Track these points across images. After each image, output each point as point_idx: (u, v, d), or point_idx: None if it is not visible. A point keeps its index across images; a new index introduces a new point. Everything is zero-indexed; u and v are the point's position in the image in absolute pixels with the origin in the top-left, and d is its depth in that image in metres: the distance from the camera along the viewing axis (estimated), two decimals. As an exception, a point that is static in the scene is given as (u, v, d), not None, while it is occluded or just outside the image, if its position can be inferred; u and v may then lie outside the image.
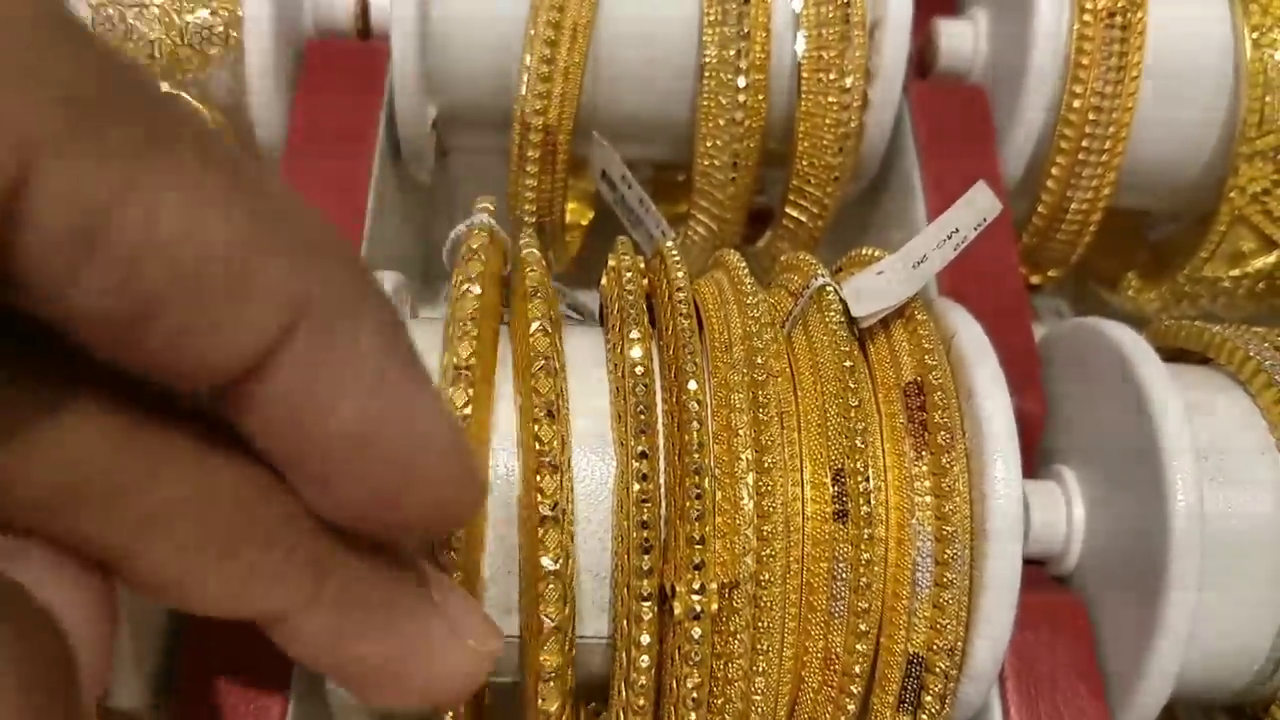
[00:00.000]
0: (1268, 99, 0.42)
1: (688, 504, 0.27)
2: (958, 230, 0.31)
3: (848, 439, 0.29)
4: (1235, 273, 0.46)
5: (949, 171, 0.42)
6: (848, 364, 0.30)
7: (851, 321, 0.32)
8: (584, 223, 0.52)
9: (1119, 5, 0.42)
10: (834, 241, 0.47)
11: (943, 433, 0.30)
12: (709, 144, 0.41)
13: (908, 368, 0.31)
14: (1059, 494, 0.36)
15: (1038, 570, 0.36)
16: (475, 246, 0.29)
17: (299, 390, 0.18)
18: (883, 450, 0.30)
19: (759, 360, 0.29)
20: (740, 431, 0.28)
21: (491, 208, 0.31)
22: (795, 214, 0.44)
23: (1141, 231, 0.53)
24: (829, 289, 0.31)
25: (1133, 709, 0.32)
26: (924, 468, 0.30)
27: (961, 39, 0.45)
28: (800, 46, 0.40)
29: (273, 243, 0.17)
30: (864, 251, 0.36)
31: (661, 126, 0.42)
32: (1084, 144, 0.42)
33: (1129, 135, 0.42)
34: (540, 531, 0.26)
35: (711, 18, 0.40)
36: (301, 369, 0.18)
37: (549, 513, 0.26)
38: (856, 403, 0.29)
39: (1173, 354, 0.38)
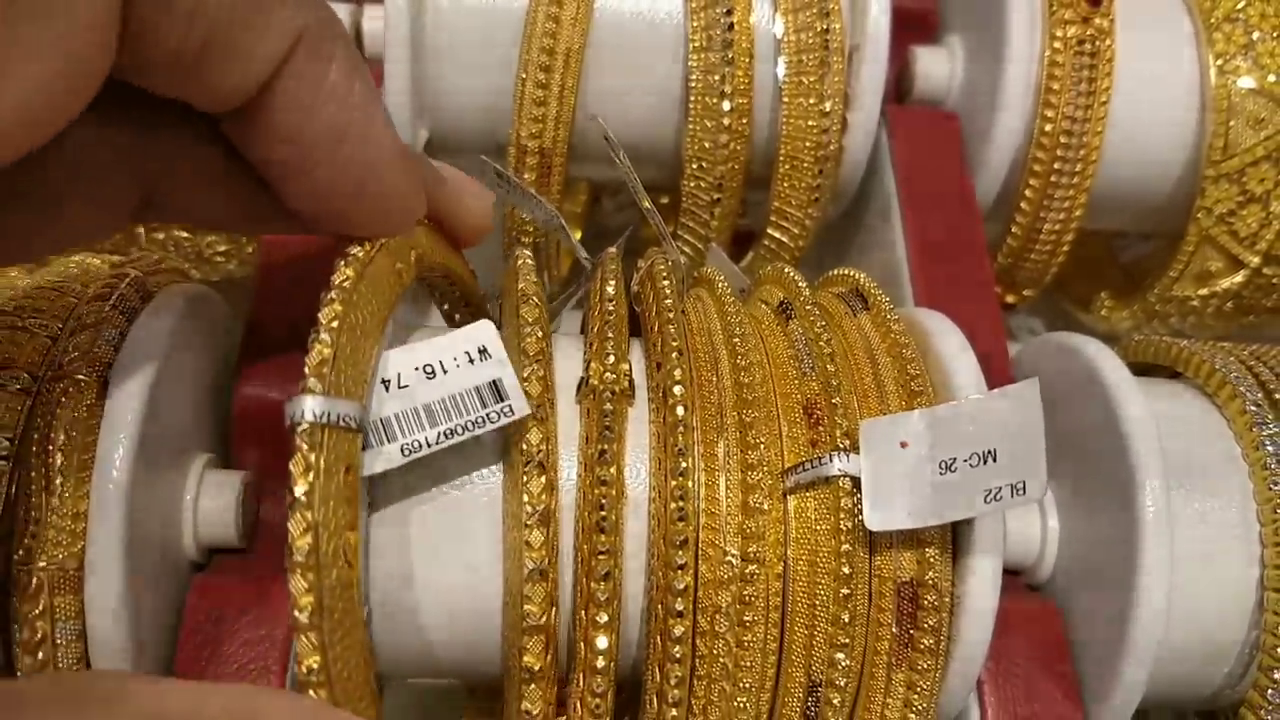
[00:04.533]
0: (1231, 124, 0.43)
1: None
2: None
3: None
4: (1203, 292, 0.47)
5: (925, 193, 0.44)
6: (845, 570, 0.29)
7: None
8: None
9: (1088, 33, 0.43)
10: (814, 260, 0.48)
11: (928, 638, 0.30)
12: (694, 166, 0.42)
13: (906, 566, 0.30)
14: (1034, 506, 0.37)
15: (1013, 578, 0.37)
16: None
17: (292, 99, 0.24)
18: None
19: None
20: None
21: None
22: (777, 234, 0.45)
23: (1114, 252, 0.55)
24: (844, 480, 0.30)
25: (1107, 711, 0.33)
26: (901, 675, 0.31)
27: (938, 66, 0.47)
28: (781, 71, 0.42)
29: None
30: (841, 272, 0.37)
31: (648, 149, 0.44)
32: (1056, 167, 0.44)
33: (1099, 159, 0.44)
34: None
35: (696, 43, 0.41)
36: (296, 81, 0.24)
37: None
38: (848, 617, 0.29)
39: (1143, 369, 0.40)
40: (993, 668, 0.34)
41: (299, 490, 0.23)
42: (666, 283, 0.32)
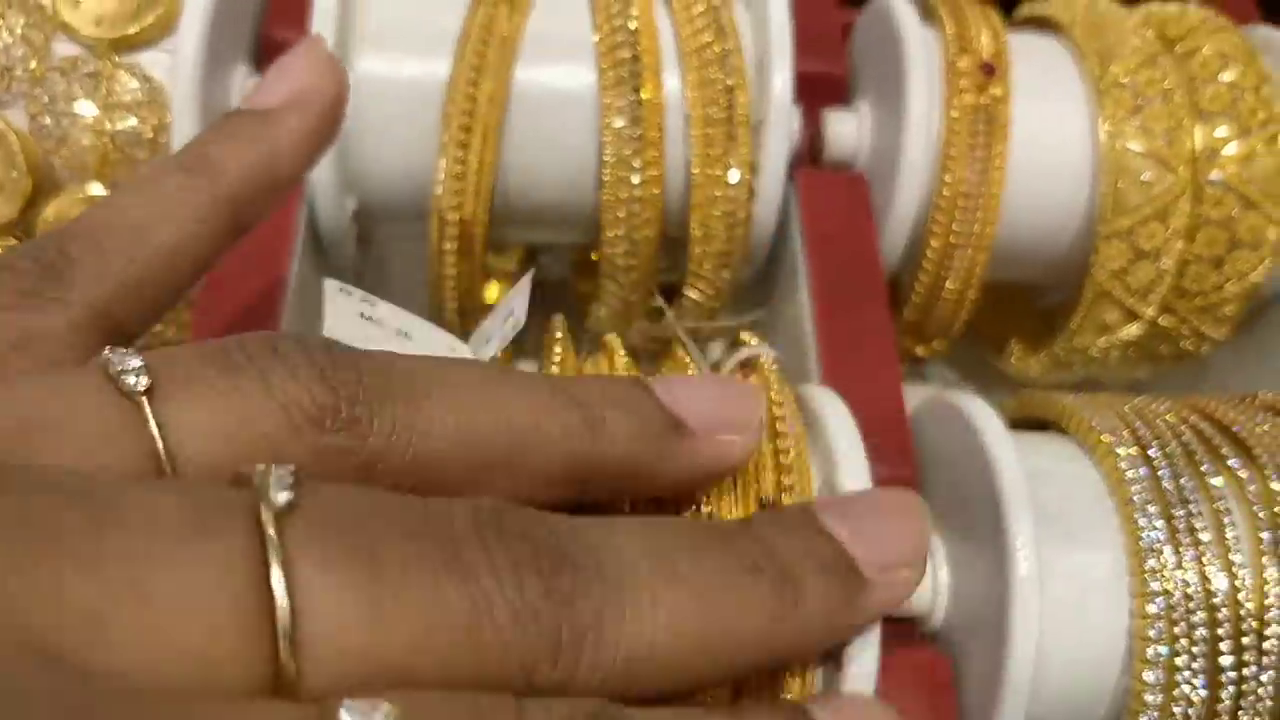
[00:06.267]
0: (1119, 184, 0.46)
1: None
2: (513, 313, 0.34)
3: None
4: (1102, 342, 0.49)
5: (831, 254, 0.46)
6: None
7: None
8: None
9: (983, 101, 0.46)
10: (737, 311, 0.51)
11: None
12: (610, 234, 0.45)
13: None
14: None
15: (908, 627, 0.39)
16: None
17: None
18: None
19: None
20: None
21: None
22: (693, 294, 0.47)
23: (1028, 300, 0.57)
24: None
25: (992, 749, 0.36)
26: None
27: (846, 128, 0.49)
28: (689, 145, 0.44)
29: None
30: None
31: (570, 214, 0.46)
32: (954, 228, 0.46)
33: (997, 220, 0.46)
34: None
35: (609, 120, 0.43)
36: None
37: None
38: None
39: (1039, 422, 0.42)
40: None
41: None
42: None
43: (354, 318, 0.33)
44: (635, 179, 0.43)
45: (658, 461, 0.26)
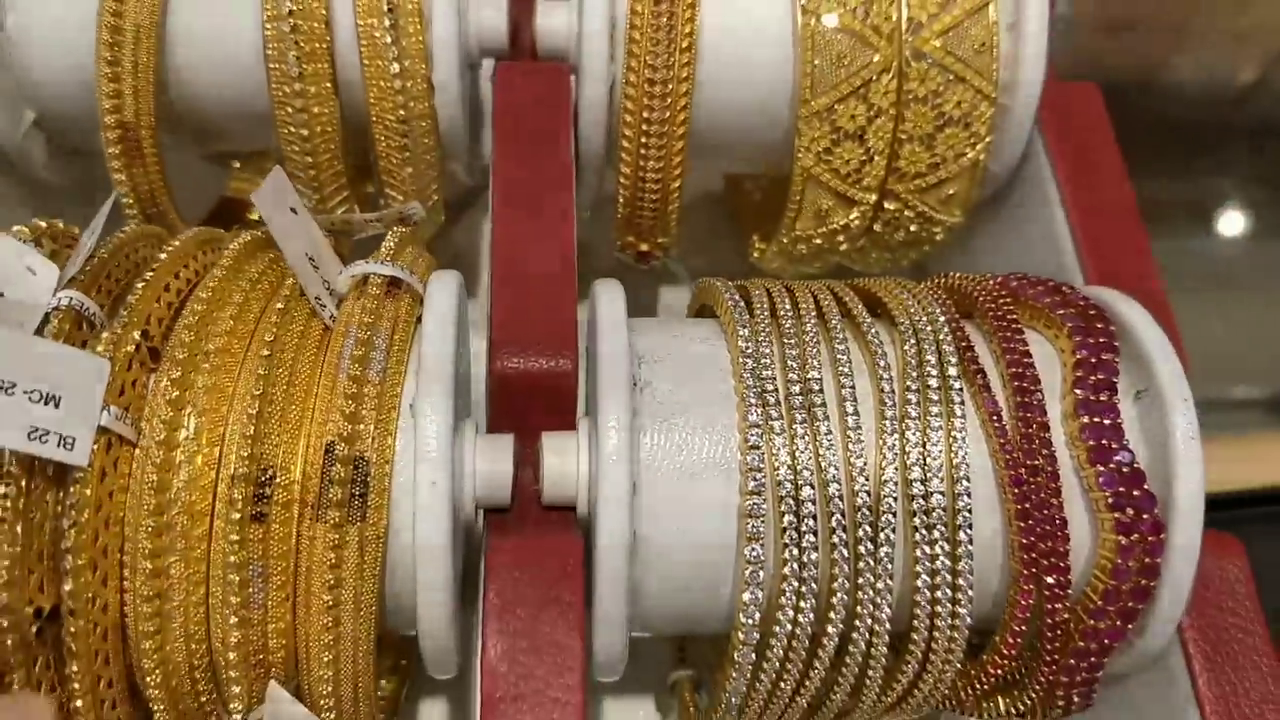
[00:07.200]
0: (816, 62, 0.44)
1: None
2: (94, 231, 0.34)
3: None
4: (823, 229, 0.48)
5: (523, 149, 0.45)
6: None
7: None
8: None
9: (668, -18, 0.44)
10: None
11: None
12: (285, 131, 0.44)
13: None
14: (572, 442, 0.38)
15: (564, 516, 0.39)
16: None
17: None
18: None
19: None
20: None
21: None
22: (392, 194, 0.46)
23: (774, 194, 0.55)
24: None
25: (596, 636, 0.35)
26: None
27: (556, 20, 0.48)
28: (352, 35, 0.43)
29: None
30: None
31: (243, 117, 0.45)
32: (646, 116, 0.44)
33: (689, 104, 0.45)
34: None
35: (270, 11, 0.42)
36: None
37: None
38: None
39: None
40: (496, 601, 0.35)
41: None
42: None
43: None
44: (295, 70, 0.42)
45: None
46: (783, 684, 0.35)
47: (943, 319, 0.38)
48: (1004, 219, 0.52)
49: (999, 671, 0.36)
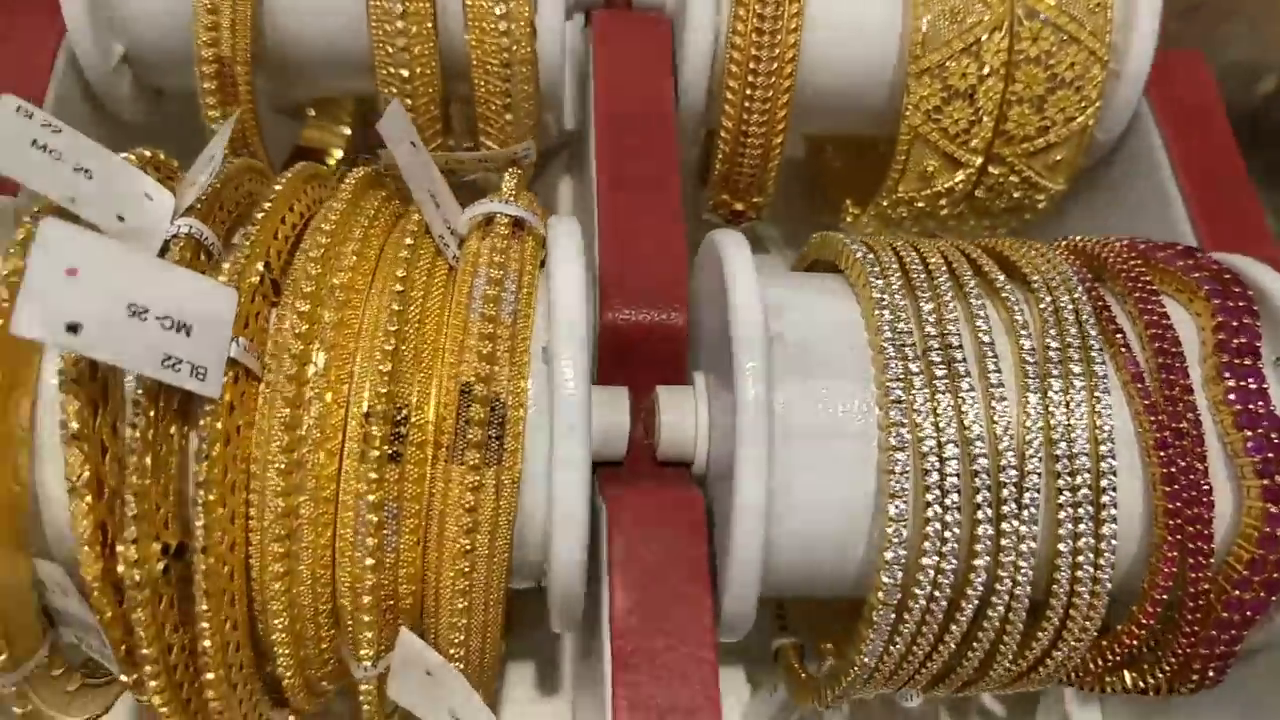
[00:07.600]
0: (928, 17, 0.43)
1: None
2: (214, 157, 0.32)
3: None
4: (927, 192, 0.47)
5: (625, 96, 0.43)
6: None
7: None
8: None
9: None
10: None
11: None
12: (384, 72, 0.42)
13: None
14: (689, 397, 0.37)
15: (679, 471, 0.37)
16: None
17: None
18: None
19: None
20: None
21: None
22: (488, 141, 0.45)
23: (868, 158, 0.54)
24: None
25: (727, 593, 0.34)
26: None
27: (653, -31, 0.46)
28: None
29: None
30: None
31: (343, 59, 0.43)
32: (752, 66, 0.43)
33: (798, 57, 0.43)
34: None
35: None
36: None
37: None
38: None
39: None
40: (622, 554, 0.34)
41: None
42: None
43: (24, 143, 0.30)
44: (399, 8, 0.41)
45: None
46: (916, 648, 0.34)
47: (1075, 279, 0.36)
48: (1102, 188, 0.51)
49: (1134, 643, 0.35)
